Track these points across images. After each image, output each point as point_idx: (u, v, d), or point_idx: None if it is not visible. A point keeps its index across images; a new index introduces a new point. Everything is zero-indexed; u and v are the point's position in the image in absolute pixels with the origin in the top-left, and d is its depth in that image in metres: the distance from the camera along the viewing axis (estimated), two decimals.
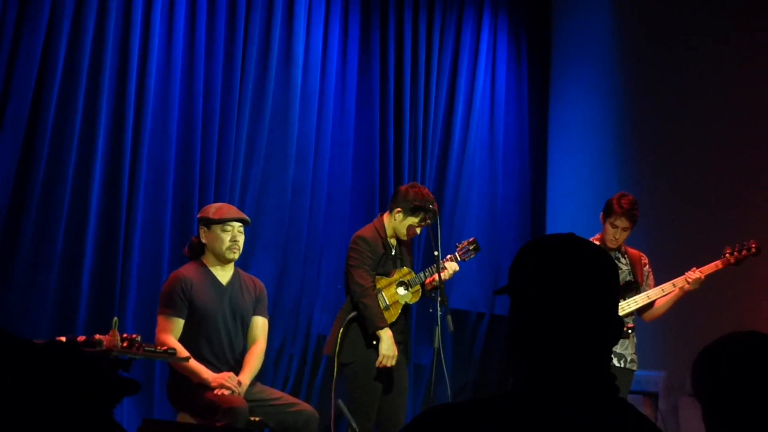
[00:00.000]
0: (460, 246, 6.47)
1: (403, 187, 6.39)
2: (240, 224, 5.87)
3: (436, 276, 6.20)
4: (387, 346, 6.07)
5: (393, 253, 6.32)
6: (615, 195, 6.41)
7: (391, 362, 6.09)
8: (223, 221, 5.79)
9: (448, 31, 8.97)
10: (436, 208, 6.25)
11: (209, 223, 5.83)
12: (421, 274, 6.32)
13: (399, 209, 6.24)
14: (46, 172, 6.91)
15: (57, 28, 6.97)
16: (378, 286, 6.22)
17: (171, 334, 5.61)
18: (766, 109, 7.52)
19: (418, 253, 8.31)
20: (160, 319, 5.71)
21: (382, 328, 6.10)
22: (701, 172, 7.89)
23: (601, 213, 6.41)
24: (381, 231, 6.32)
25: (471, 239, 6.52)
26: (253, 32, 7.86)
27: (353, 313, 6.21)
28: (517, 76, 9.36)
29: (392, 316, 6.21)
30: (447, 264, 6.32)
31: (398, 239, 6.35)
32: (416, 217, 6.22)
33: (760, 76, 7.59)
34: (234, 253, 5.82)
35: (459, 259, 6.39)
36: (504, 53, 9.28)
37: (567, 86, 9.35)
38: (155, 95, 7.39)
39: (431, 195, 6.34)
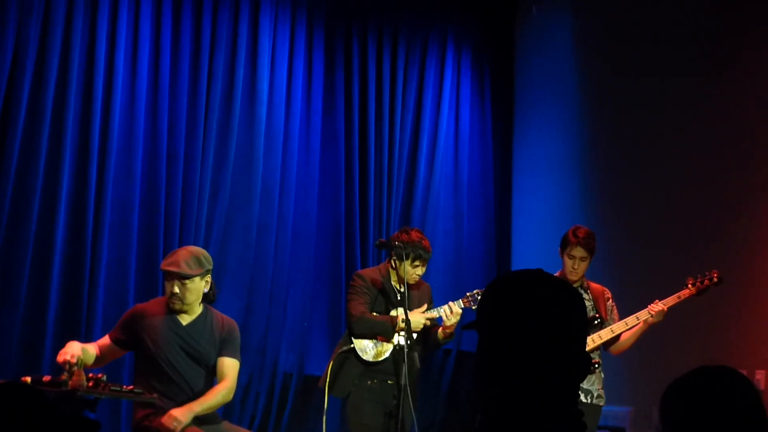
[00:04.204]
0: (470, 294, 6.37)
1: (394, 235, 6.42)
2: (177, 278, 5.58)
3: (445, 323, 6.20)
4: (411, 320, 6.09)
5: (399, 298, 6.23)
6: (570, 228, 6.43)
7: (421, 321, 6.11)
8: (163, 272, 5.71)
9: (411, 68, 9.01)
10: (411, 244, 6.21)
11: None
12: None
13: (393, 256, 6.26)
14: (11, 212, 6.86)
15: (20, 68, 6.94)
16: None
17: (97, 345, 5.60)
18: (730, 144, 7.60)
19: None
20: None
21: (393, 322, 6.11)
22: (665, 206, 7.95)
23: (559, 248, 6.42)
24: (383, 272, 6.37)
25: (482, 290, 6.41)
26: (217, 71, 7.86)
27: (345, 347, 6.19)
28: (481, 112, 9.40)
29: (381, 354, 6.19)
30: (452, 306, 6.23)
31: (409, 285, 6.26)
32: (407, 259, 6.21)
33: (723, 113, 7.66)
34: (174, 305, 5.62)
35: (463, 306, 6.27)
36: (468, 90, 9.32)
37: (531, 122, 9.40)
38: (119, 135, 7.36)
39: (418, 234, 6.33)
